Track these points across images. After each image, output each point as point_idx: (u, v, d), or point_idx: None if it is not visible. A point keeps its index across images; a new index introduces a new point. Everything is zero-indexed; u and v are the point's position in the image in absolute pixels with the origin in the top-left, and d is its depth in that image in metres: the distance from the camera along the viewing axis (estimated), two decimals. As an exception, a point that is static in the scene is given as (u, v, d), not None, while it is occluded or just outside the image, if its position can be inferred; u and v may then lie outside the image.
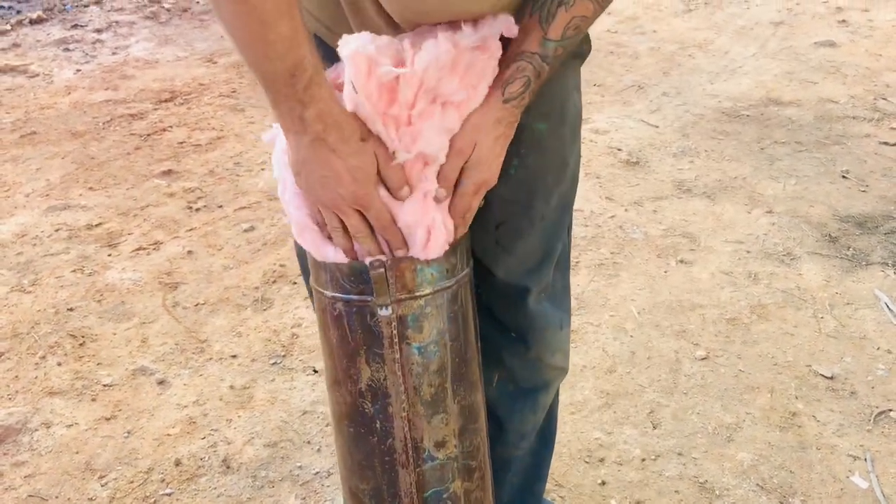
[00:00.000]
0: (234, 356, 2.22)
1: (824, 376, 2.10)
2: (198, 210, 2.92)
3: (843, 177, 3.06)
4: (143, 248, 2.69)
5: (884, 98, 3.72)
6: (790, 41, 4.46)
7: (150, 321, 2.35)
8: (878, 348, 2.19)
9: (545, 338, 1.32)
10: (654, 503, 1.76)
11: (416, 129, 0.97)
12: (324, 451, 1.91)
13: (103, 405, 2.05)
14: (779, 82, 3.94)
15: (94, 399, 2.07)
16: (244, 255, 2.66)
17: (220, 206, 2.94)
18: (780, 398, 2.03)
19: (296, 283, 2.50)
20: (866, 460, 1.85)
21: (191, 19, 4.99)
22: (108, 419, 2.01)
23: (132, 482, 1.84)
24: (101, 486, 1.83)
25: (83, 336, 2.29)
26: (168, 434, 1.97)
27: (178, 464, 1.88)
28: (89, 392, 2.09)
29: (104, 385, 2.12)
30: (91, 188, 3.07)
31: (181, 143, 3.43)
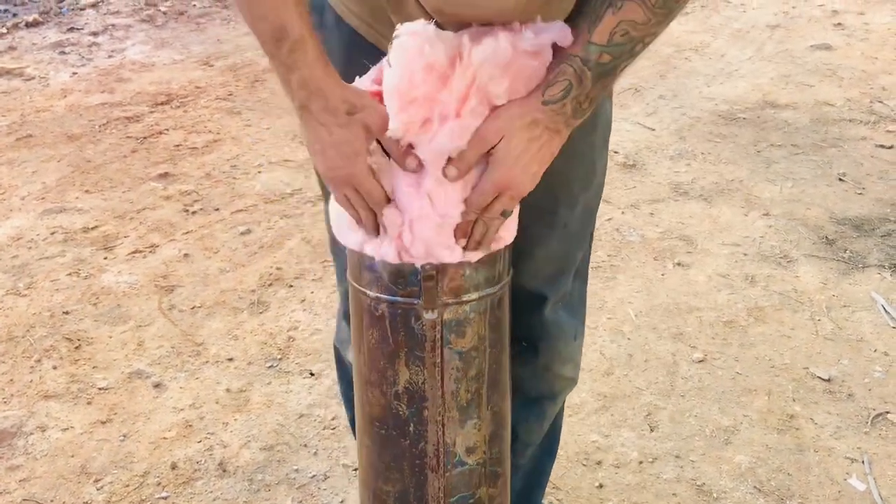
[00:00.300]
0: (231, 359, 2.21)
1: (821, 379, 2.09)
2: (194, 213, 2.92)
3: (840, 179, 3.07)
4: (140, 251, 2.69)
5: (880, 101, 3.72)
6: (786, 44, 4.47)
7: (145, 324, 2.35)
8: (875, 350, 2.19)
9: (557, 348, 1.30)
10: (651, 506, 1.75)
11: (464, 123, 0.94)
12: (320, 455, 1.90)
13: (99, 408, 2.05)
14: (775, 85, 3.94)
15: (89, 402, 2.07)
16: (240, 258, 2.65)
17: (217, 209, 2.94)
18: (778, 401, 2.03)
19: (292, 285, 2.50)
20: (864, 462, 1.85)
21: (187, 22, 4.98)
22: (103, 423, 2.00)
23: (128, 486, 1.83)
24: (97, 489, 1.82)
25: (79, 339, 2.28)
26: (164, 437, 1.96)
27: (174, 467, 1.87)
28: (85, 395, 2.09)
29: (100, 388, 2.11)
30: (87, 191, 3.07)
31: (177, 146, 3.42)
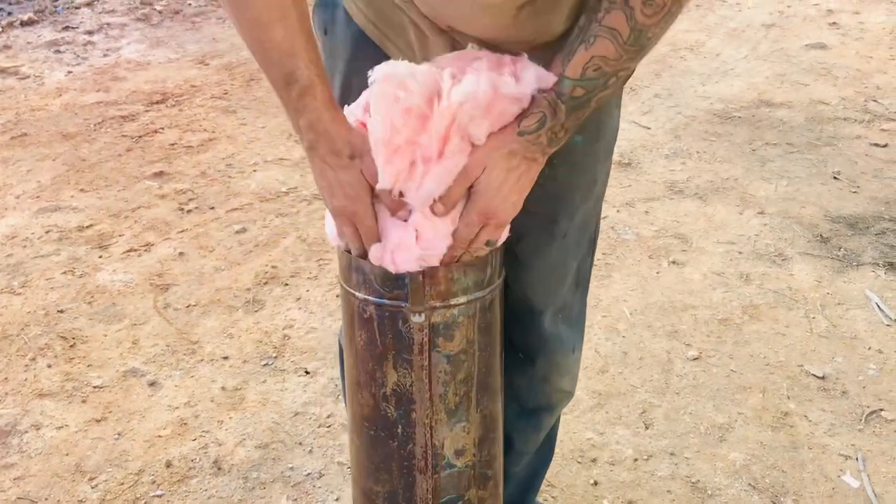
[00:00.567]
0: (226, 358, 2.21)
1: (816, 376, 2.10)
2: (189, 212, 2.91)
3: (835, 178, 3.07)
4: (135, 250, 2.68)
5: (874, 100, 3.73)
6: (781, 43, 4.48)
7: (141, 323, 2.34)
8: (870, 348, 2.20)
9: (555, 360, 1.29)
10: (646, 503, 1.76)
11: (448, 166, 0.95)
12: (315, 453, 1.90)
13: (94, 407, 2.04)
14: (770, 84, 3.95)
15: (84, 401, 2.06)
16: (236, 257, 2.65)
17: (212, 208, 2.94)
18: (772, 398, 2.04)
19: (287, 284, 2.50)
20: (858, 459, 1.86)
21: (182, 21, 4.98)
22: (98, 421, 2.00)
23: (122, 484, 1.83)
24: (92, 488, 1.82)
25: (73, 338, 2.28)
26: (159, 436, 1.96)
27: (168, 465, 1.87)
28: (79, 394, 2.08)
29: (94, 387, 2.11)
30: (82, 190, 3.06)
31: (172, 144, 3.42)
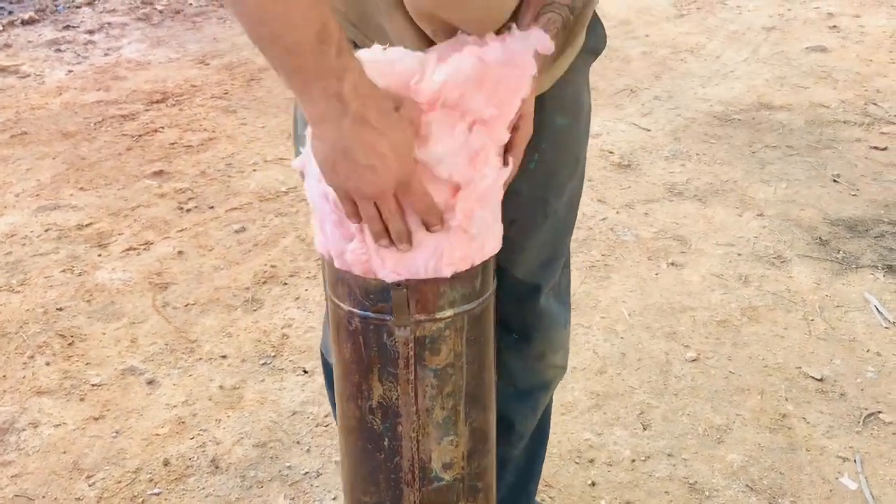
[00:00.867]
0: (224, 356, 2.21)
1: (814, 378, 2.10)
2: (189, 211, 2.91)
3: (834, 181, 3.07)
4: (134, 249, 2.68)
5: (874, 103, 3.73)
6: (782, 46, 4.48)
7: (139, 321, 2.34)
8: (868, 351, 2.20)
9: (550, 337, 1.31)
10: (643, 504, 1.76)
11: (425, 133, 0.91)
12: (313, 452, 1.90)
13: (91, 405, 2.04)
14: (770, 87, 3.95)
15: (82, 399, 2.06)
16: (235, 256, 2.65)
17: (212, 207, 2.94)
18: (770, 400, 2.04)
19: (286, 283, 2.49)
20: (856, 461, 1.86)
21: (183, 21, 4.98)
22: (96, 419, 2.00)
23: (120, 482, 1.83)
24: (89, 486, 1.82)
25: (72, 336, 2.28)
26: (157, 434, 1.96)
27: (166, 464, 1.87)
28: (77, 392, 2.08)
29: (93, 385, 2.10)
30: (82, 188, 3.06)
31: (172, 143, 3.42)
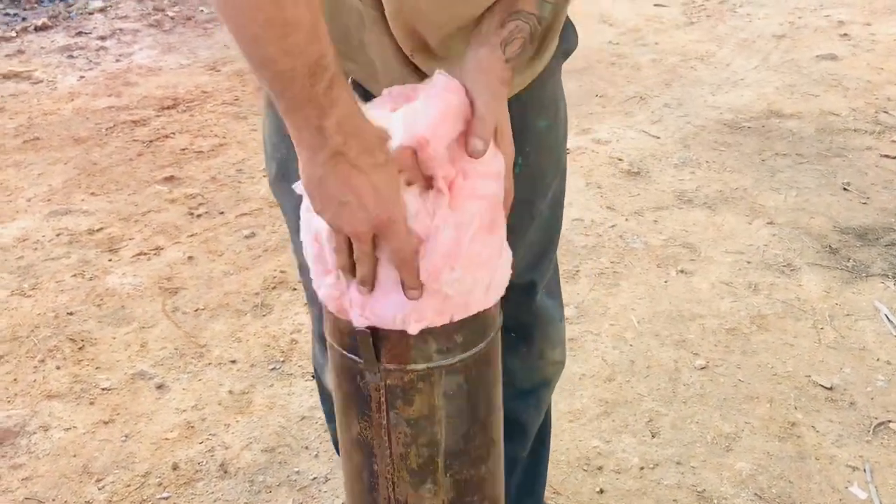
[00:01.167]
0: (234, 361, 2.21)
1: (824, 387, 2.09)
2: (199, 216, 2.93)
3: (844, 189, 3.07)
4: (144, 254, 2.70)
5: (885, 111, 3.72)
6: (792, 54, 4.47)
7: (149, 326, 2.36)
8: (878, 359, 2.19)
9: (548, 332, 1.34)
10: (652, 512, 1.75)
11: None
12: (321, 457, 1.91)
13: (101, 409, 2.05)
14: (780, 95, 3.94)
15: (92, 403, 2.07)
16: (244, 262, 2.66)
17: (222, 213, 2.95)
18: (780, 408, 2.03)
19: (296, 289, 2.50)
20: (865, 471, 1.85)
21: (194, 27, 5.01)
22: (106, 423, 2.01)
23: (129, 486, 1.83)
24: (99, 489, 1.83)
25: (82, 340, 2.29)
26: (166, 438, 1.96)
27: (175, 468, 1.88)
28: (88, 396, 2.09)
29: (103, 389, 2.12)
30: (93, 193, 3.08)
31: (183, 149, 3.43)
